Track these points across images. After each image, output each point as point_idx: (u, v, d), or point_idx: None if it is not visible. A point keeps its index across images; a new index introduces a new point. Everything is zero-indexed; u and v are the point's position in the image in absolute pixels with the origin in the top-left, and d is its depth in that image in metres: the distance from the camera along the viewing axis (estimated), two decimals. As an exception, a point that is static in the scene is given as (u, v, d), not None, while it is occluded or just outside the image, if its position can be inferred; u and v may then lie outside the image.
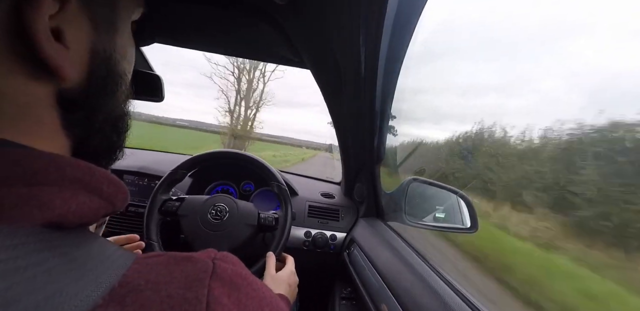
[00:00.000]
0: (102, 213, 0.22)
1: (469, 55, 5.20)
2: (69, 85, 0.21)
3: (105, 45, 0.24)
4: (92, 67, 0.23)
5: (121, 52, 0.26)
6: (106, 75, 0.24)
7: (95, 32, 0.23)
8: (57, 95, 0.21)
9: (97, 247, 0.20)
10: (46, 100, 0.21)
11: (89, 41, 0.22)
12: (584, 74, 1.23)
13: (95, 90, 0.24)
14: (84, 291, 0.16)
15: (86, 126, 0.24)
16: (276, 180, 0.87)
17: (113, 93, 0.26)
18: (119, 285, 0.18)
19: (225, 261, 0.24)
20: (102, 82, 0.24)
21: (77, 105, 0.23)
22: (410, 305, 0.53)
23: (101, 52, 0.24)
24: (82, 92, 0.22)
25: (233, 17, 0.61)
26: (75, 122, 0.23)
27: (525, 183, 1.16)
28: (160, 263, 0.21)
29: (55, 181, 0.19)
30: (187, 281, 0.19)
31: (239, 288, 0.22)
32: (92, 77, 0.23)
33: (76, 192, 0.20)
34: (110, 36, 0.25)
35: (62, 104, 0.22)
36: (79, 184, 0.20)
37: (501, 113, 1.99)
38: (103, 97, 0.25)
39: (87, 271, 0.18)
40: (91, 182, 0.21)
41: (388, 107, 0.81)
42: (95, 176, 0.21)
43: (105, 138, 0.27)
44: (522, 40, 2.06)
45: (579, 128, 0.80)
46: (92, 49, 0.23)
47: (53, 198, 0.18)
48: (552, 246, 0.98)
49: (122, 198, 0.24)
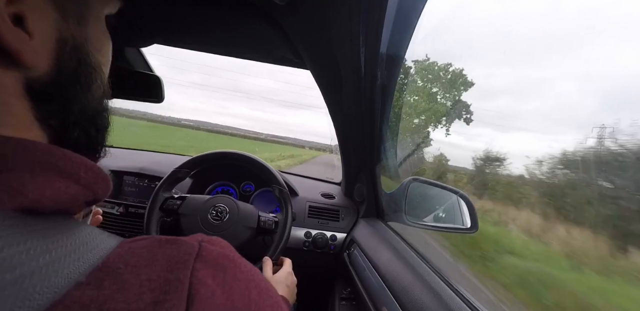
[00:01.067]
0: (81, 200, 0.22)
1: (474, 55, 5.16)
2: (37, 74, 0.21)
3: (74, 34, 0.23)
4: (61, 56, 0.22)
5: (94, 44, 0.26)
6: (77, 65, 0.24)
7: (63, 20, 0.22)
8: (25, 84, 0.21)
9: (80, 232, 0.20)
10: (13, 89, 0.20)
11: (55, 29, 0.22)
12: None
13: (66, 80, 0.23)
14: (65, 270, 0.16)
15: (61, 118, 0.24)
16: (277, 183, 0.87)
17: (87, 86, 0.25)
18: (98, 268, 0.18)
19: (212, 243, 0.23)
20: (72, 73, 0.24)
21: (48, 95, 0.22)
22: (410, 305, 0.53)
23: (69, 41, 0.23)
24: (52, 82, 0.22)
25: (233, 18, 0.61)
26: (49, 114, 0.23)
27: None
28: (144, 247, 0.20)
29: (26, 166, 0.19)
30: (170, 264, 0.19)
31: (225, 269, 0.21)
32: (61, 67, 0.23)
33: (50, 178, 0.19)
34: (81, 26, 0.24)
35: (32, 94, 0.21)
36: (53, 170, 0.20)
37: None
38: (76, 88, 0.24)
39: (70, 252, 0.18)
40: (66, 168, 0.21)
41: (388, 107, 0.81)
42: (71, 162, 0.21)
43: (84, 132, 0.26)
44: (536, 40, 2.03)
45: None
46: (59, 38, 0.22)
47: (25, 183, 0.18)
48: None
49: (104, 185, 0.24)
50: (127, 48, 0.85)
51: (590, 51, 1.43)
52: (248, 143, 35.30)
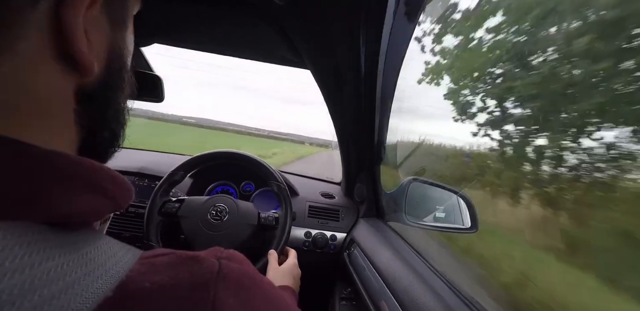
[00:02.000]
0: (105, 211, 0.22)
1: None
2: (90, 80, 0.22)
3: (119, 41, 0.25)
4: (110, 62, 0.24)
5: (128, 47, 0.27)
6: (120, 68, 0.26)
7: (112, 30, 0.24)
8: (78, 89, 0.22)
9: (104, 244, 0.20)
10: (67, 94, 0.21)
11: (107, 38, 0.24)
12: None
13: (112, 84, 0.25)
14: (94, 284, 0.17)
15: (97, 119, 0.25)
16: (275, 180, 0.87)
17: (123, 88, 0.27)
18: (123, 283, 0.18)
19: (231, 260, 0.24)
20: (117, 76, 0.25)
21: (93, 98, 0.23)
22: (410, 305, 0.53)
23: (116, 48, 0.25)
24: (100, 86, 0.23)
25: (233, 17, 0.61)
26: (88, 116, 0.23)
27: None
28: (166, 263, 0.20)
29: (57, 179, 0.19)
30: (193, 283, 0.19)
31: (247, 289, 0.22)
32: (109, 71, 0.24)
33: (80, 191, 0.20)
34: (123, 33, 0.26)
35: (80, 98, 0.22)
36: (83, 183, 0.20)
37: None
38: (116, 91, 0.26)
39: (98, 266, 0.18)
40: (95, 181, 0.21)
41: (388, 106, 0.81)
42: (100, 175, 0.21)
43: (112, 132, 0.27)
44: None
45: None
46: (109, 43, 0.24)
47: (58, 197, 0.18)
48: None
49: (127, 196, 0.24)
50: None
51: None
52: (239, 139, 34.24)
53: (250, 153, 0.94)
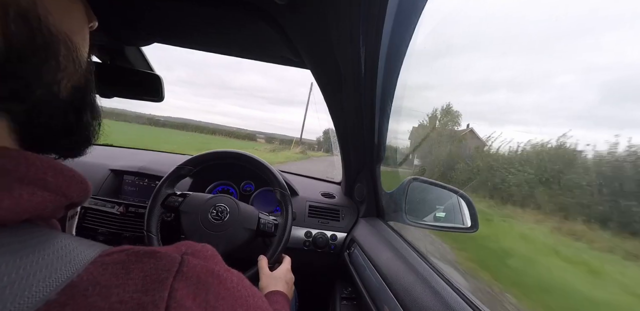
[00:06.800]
0: (51, 206, 0.20)
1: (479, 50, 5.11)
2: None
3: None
4: (4, 25, 0.19)
5: (49, 8, 0.21)
6: (30, 35, 0.20)
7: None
8: None
9: (55, 244, 0.18)
10: None
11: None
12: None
13: (20, 53, 0.19)
14: (34, 288, 0.15)
15: (25, 99, 0.20)
16: (280, 186, 0.86)
17: (50, 59, 0.21)
18: (69, 286, 0.16)
19: (196, 256, 0.21)
20: (28, 44, 0.20)
21: (5, 73, 0.19)
22: (411, 304, 0.53)
23: (11, 5, 0.19)
24: (4, 58, 0.19)
25: (233, 17, 0.60)
26: (11, 95, 0.20)
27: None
28: (118, 262, 0.18)
29: None
30: (145, 283, 0.17)
31: (208, 288, 0.19)
32: (9, 38, 0.19)
33: (9, 186, 0.17)
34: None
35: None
36: (11, 177, 0.18)
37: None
38: (36, 62, 0.20)
39: (41, 267, 0.16)
40: (29, 173, 0.18)
41: (388, 106, 0.81)
42: (34, 166, 0.19)
43: (59, 117, 0.23)
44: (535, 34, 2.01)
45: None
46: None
47: None
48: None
49: (78, 188, 0.22)
50: (128, 47, 0.85)
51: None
52: (219, 141, 32.56)
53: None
